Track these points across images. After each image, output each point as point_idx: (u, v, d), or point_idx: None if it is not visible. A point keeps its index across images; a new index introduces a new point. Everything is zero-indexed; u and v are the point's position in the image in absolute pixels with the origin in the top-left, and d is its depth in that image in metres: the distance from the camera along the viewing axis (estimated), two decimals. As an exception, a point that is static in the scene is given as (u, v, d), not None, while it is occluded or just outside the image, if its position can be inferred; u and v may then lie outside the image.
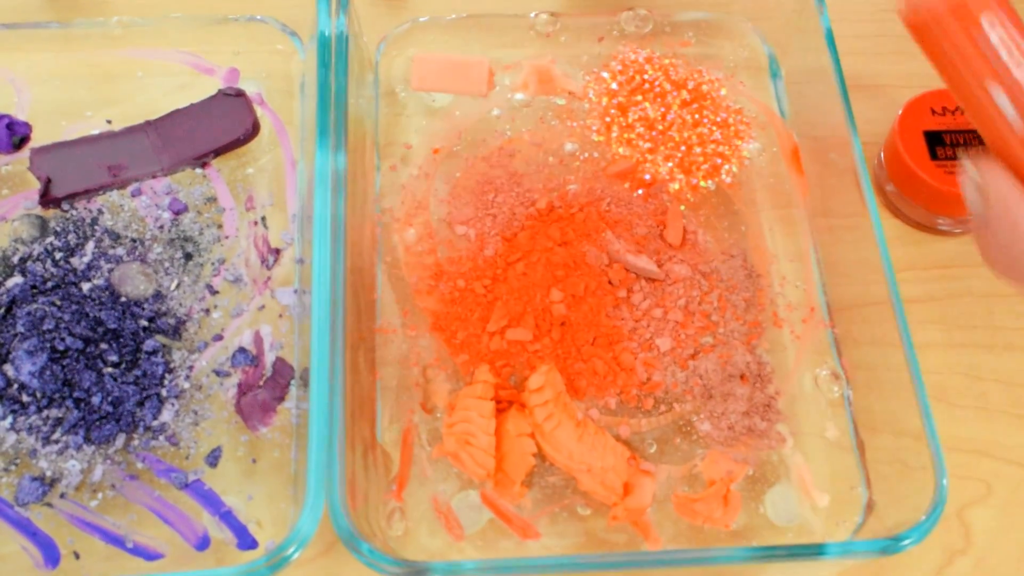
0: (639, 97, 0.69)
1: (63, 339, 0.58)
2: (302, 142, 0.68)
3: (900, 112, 0.69)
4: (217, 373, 0.59)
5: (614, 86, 0.69)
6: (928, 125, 0.68)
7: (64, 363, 0.58)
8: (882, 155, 0.70)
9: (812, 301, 0.64)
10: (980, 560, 0.60)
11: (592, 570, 0.51)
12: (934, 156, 0.67)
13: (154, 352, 0.59)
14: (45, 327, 0.58)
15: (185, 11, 0.72)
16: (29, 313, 0.58)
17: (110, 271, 0.61)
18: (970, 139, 0.67)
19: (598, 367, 0.60)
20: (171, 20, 0.71)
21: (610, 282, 0.62)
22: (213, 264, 0.63)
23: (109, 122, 0.68)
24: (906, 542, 0.51)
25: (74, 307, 0.59)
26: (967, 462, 0.62)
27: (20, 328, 0.58)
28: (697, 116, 0.68)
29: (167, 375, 0.59)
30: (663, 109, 0.68)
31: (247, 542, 0.55)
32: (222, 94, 0.68)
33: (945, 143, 0.67)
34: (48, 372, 0.57)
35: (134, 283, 0.61)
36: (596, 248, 0.63)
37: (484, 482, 0.57)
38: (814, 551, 0.52)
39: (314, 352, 0.54)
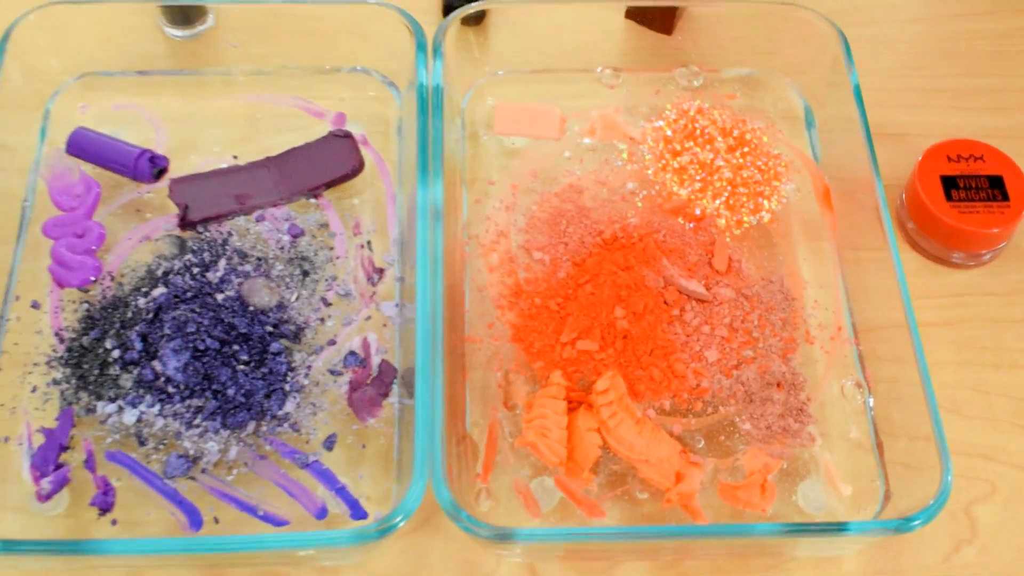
0: (690, 143, 0.79)
1: (203, 340, 0.68)
2: (400, 177, 0.78)
3: (920, 158, 0.79)
4: (331, 372, 0.70)
5: (669, 133, 0.80)
6: (944, 170, 0.78)
7: (204, 360, 0.68)
8: (903, 196, 0.80)
9: (839, 321, 0.74)
10: (984, 548, 0.69)
11: (647, 539, 0.62)
12: (949, 198, 0.77)
13: (278, 353, 0.69)
14: (188, 330, 0.69)
15: (298, 63, 0.83)
16: (174, 318, 0.69)
17: (240, 284, 0.72)
18: (981, 183, 0.77)
19: (654, 374, 0.70)
20: (286, 70, 0.83)
21: (665, 302, 0.72)
22: (326, 280, 0.73)
23: (235, 157, 0.79)
24: (916, 523, 0.61)
25: (211, 314, 0.70)
26: (974, 465, 0.71)
27: (167, 330, 0.69)
28: (741, 160, 0.79)
29: (289, 373, 0.69)
30: (711, 154, 0.78)
31: (359, 513, 0.66)
32: (332, 135, 0.79)
33: (959, 187, 0.77)
34: (191, 368, 0.68)
35: (260, 295, 0.71)
36: (654, 273, 0.73)
37: (557, 468, 0.67)
38: (839, 528, 0.62)
39: (419, 357, 0.64)
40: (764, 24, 0.83)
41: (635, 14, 0.87)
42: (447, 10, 0.86)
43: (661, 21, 0.87)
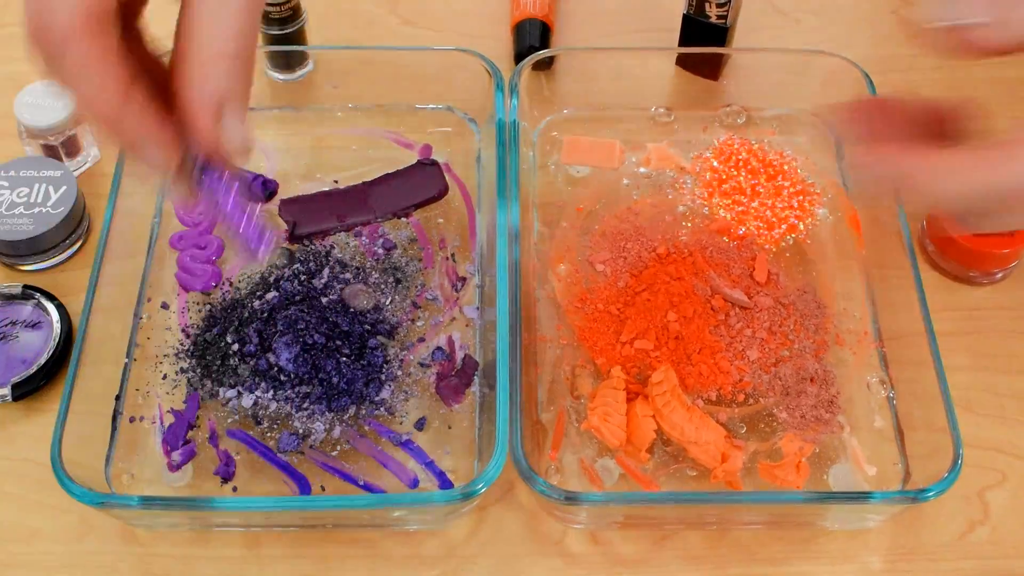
0: (734, 171, 0.90)
1: (311, 336, 0.79)
2: (479, 200, 0.89)
3: (939, 188, 0.89)
4: (422, 365, 0.81)
5: (715, 164, 0.90)
6: (959, 198, 0.88)
7: (312, 353, 0.79)
8: (924, 221, 0.90)
9: (866, 327, 0.84)
10: (995, 528, 0.77)
11: (695, 503, 0.72)
12: (963, 221, 0.87)
13: (375, 348, 0.80)
14: (298, 327, 0.80)
15: (390, 102, 0.94)
16: (286, 316, 0.80)
17: (341, 290, 0.83)
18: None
19: (703, 370, 0.80)
20: (379, 108, 0.94)
21: (712, 308, 0.83)
22: (416, 287, 0.84)
23: (335, 182, 0.90)
24: (930, 493, 0.70)
25: (317, 314, 0.81)
26: (986, 456, 0.80)
27: (279, 327, 0.80)
28: (778, 187, 0.89)
29: (385, 364, 0.80)
30: (753, 181, 0.89)
31: (446, 484, 0.76)
32: (420, 163, 0.90)
33: (973, 212, 0.87)
34: (300, 359, 0.79)
35: (360, 299, 0.82)
36: (702, 283, 0.83)
37: (617, 449, 0.77)
38: (864, 496, 0.72)
39: (499, 352, 0.74)
40: (800, 69, 0.93)
41: (685, 62, 0.98)
42: (518, 56, 0.98)
43: (708, 68, 0.98)
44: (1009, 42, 0.56)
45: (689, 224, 0.88)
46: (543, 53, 0.91)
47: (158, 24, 0.57)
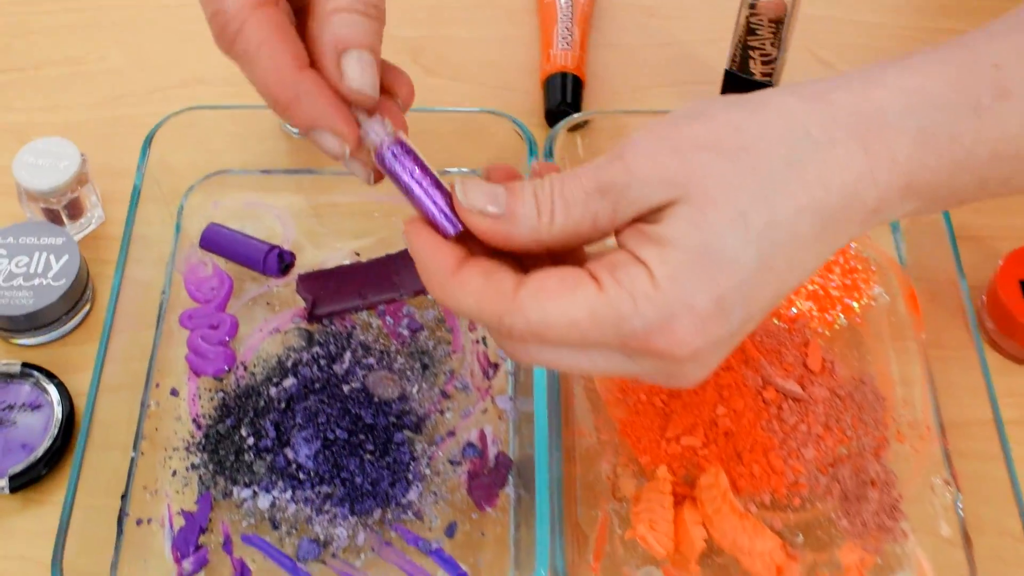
0: (784, 246, 0.84)
1: (333, 430, 0.73)
2: (511, 275, 0.84)
3: (1001, 263, 0.83)
4: (451, 462, 0.75)
5: (763, 236, 0.85)
6: (1024, 275, 0.82)
7: (333, 449, 0.73)
8: (984, 298, 0.84)
9: (928, 420, 0.78)
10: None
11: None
12: (1029, 303, 0.81)
13: (402, 444, 0.74)
14: (318, 420, 0.74)
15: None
16: (305, 408, 0.74)
17: (364, 376, 0.77)
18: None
19: (755, 470, 0.74)
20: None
21: (763, 401, 0.77)
22: (445, 374, 0.78)
23: (357, 254, 0.84)
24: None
25: (339, 404, 0.75)
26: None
27: (298, 420, 0.74)
28: (830, 263, 0.83)
29: (412, 462, 0.74)
30: (804, 257, 0.83)
31: (479, 599, 0.70)
32: (448, 234, 0.84)
33: (1039, 291, 0.81)
34: (321, 456, 0.73)
35: (384, 387, 0.77)
36: (753, 372, 0.77)
37: (664, 560, 0.71)
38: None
39: (537, 449, 0.69)
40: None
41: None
42: (549, 113, 0.92)
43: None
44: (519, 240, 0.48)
45: (737, 305, 0.81)
46: (579, 117, 0.85)
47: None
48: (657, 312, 0.45)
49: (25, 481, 0.75)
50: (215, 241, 0.83)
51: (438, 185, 0.51)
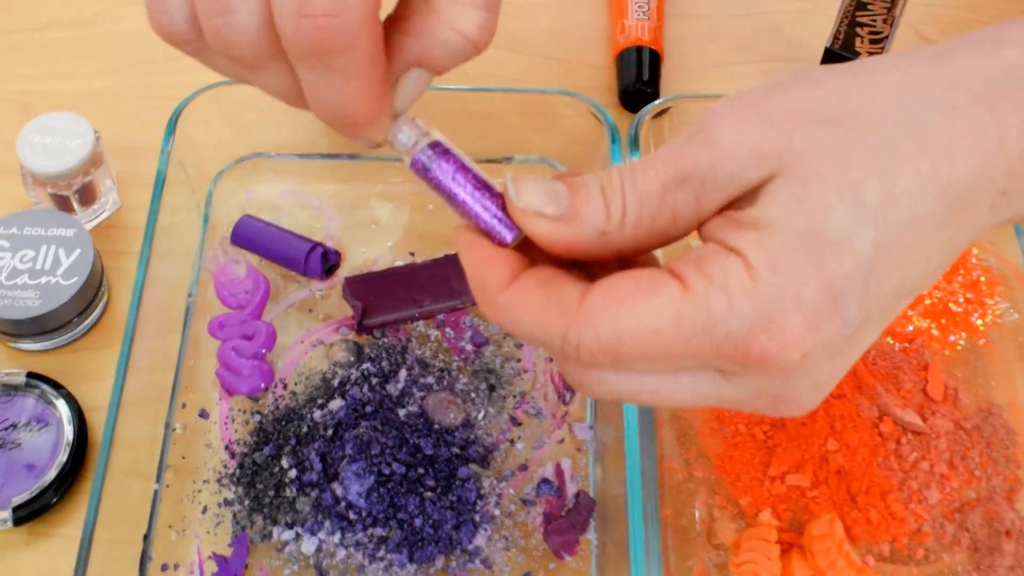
0: (896, 252, 0.74)
1: (389, 464, 0.63)
2: (586, 281, 0.73)
3: None
4: (524, 501, 0.65)
5: (872, 240, 0.74)
6: None
7: (389, 486, 0.63)
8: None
9: (1066, 459, 0.69)
10: None
11: None
12: None
13: (467, 479, 0.64)
14: (372, 452, 0.64)
15: (473, 150, 0.77)
16: (356, 437, 0.64)
17: (422, 399, 0.67)
18: None
19: (872, 515, 0.64)
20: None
21: (880, 434, 0.67)
22: (515, 397, 0.68)
23: (412, 254, 0.74)
24: None
25: (394, 432, 0.65)
26: None
27: (348, 451, 0.64)
28: (949, 275, 0.73)
29: (479, 501, 0.64)
30: (920, 265, 0.73)
31: (560, 666, 0.61)
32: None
33: None
34: (375, 494, 0.63)
35: (445, 412, 0.66)
36: (867, 402, 0.67)
37: (771, 620, 0.62)
38: None
39: (629, 490, 0.59)
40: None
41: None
42: (623, 93, 0.81)
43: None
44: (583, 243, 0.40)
45: (845, 320, 0.71)
46: (664, 102, 0.74)
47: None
48: (757, 308, 0.37)
49: (33, 511, 0.65)
50: (248, 236, 0.73)
51: (486, 187, 0.42)
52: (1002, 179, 0.40)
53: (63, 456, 0.66)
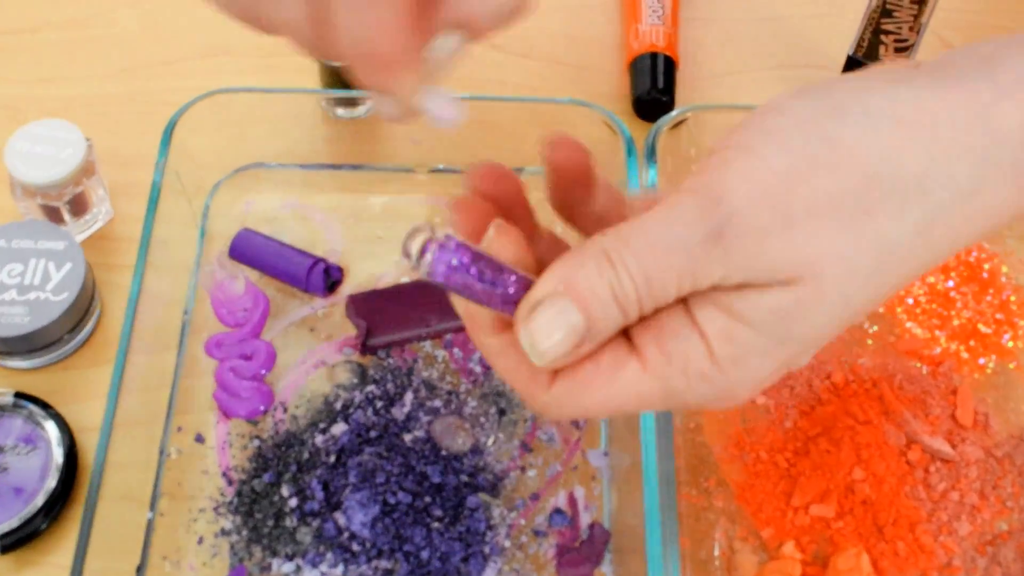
0: (922, 270, 0.71)
1: (394, 492, 0.60)
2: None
3: None
4: (536, 533, 0.62)
5: (897, 257, 0.71)
6: None
7: (394, 516, 0.60)
8: None
9: (1100, 489, 0.66)
10: None
11: None
12: None
13: (476, 509, 0.61)
14: (376, 480, 0.61)
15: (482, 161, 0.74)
16: (360, 464, 0.61)
17: (429, 423, 0.64)
18: None
19: (899, 548, 0.61)
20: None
21: (908, 462, 0.64)
22: (526, 421, 0.65)
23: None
24: None
25: (400, 459, 0.62)
26: None
27: (352, 479, 0.61)
28: (978, 293, 0.70)
29: (488, 532, 0.61)
30: (948, 284, 0.70)
31: None
32: (526, 249, 0.70)
33: None
34: (379, 524, 0.60)
35: (453, 437, 0.63)
36: (895, 428, 0.64)
37: (795, 659, 0.59)
38: None
39: (648, 520, 0.56)
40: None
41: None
42: (638, 102, 0.78)
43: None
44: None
45: (871, 342, 0.68)
46: (683, 112, 0.71)
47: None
48: (716, 391, 0.38)
49: (20, 538, 0.62)
50: (247, 250, 0.70)
51: (508, 280, 0.38)
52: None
53: (52, 480, 0.63)
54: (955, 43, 0.85)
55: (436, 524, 0.60)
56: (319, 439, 0.63)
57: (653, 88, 0.78)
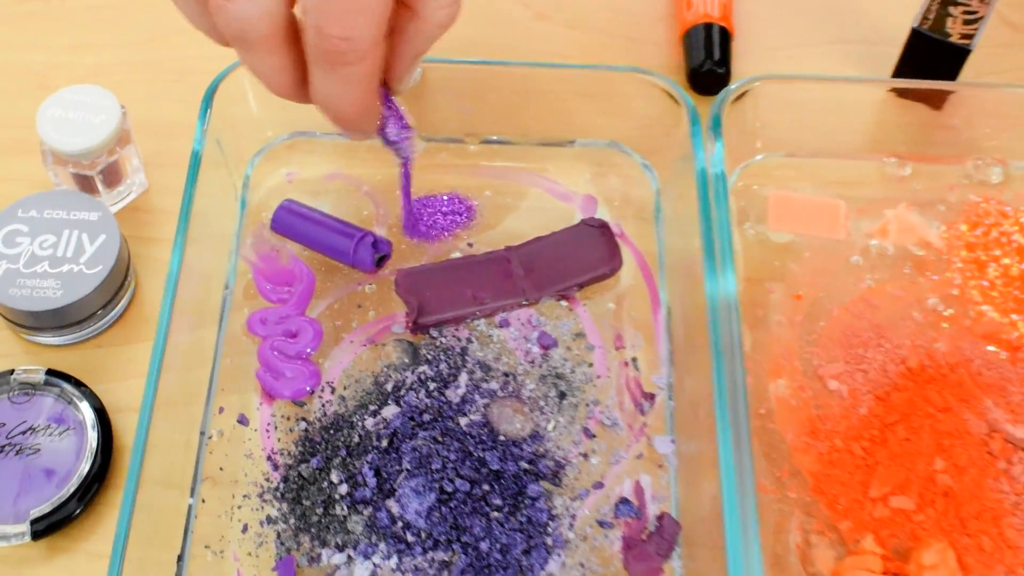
0: (997, 252, 0.67)
1: (451, 480, 0.57)
2: (662, 278, 0.67)
3: None
4: (600, 524, 0.58)
5: (971, 239, 0.68)
6: None
7: (451, 505, 0.57)
8: None
9: None
10: None
11: None
12: None
13: (537, 498, 0.58)
14: (432, 466, 0.57)
15: (529, 137, 0.71)
16: (415, 449, 0.58)
17: (485, 406, 0.60)
18: None
19: (984, 543, 0.58)
20: (522, 141, 0.71)
21: (990, 452, 0.61)
22: (588, 405, 0.62)
23: (470, 245, 0.67)
24: None
25: (456, 445, 0.58)
26: None
27: (406, 464, 0.58)
28: (1056, 273, 0.67)
29: (551, 522, 0.58)
30: (1022, 266, 0.67)
31: None
32: (584, 225, 0.67)
33: None
34: (435, 514, 0.56)
35: (511, 421, 0.60)
36: (976, 416, 0.61)
37: (876, 658, 0.56)
38: None
39: (726, 512, 0.53)
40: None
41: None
42: (693, 74, 0.75)
43: (931, 95, 0.75)
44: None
45: (947, 325, 0.65)
46: (747, 82, 0.67)
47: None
48: None
49: (53, 523, 0.58)
50: (290, 223, 0.66)
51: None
52: None
53: (86, 463, 0.60)
54: (1019, 24, 0.81)
55: (495, 514, 0.57)
56: (369, 422, 0.59)
57: (708, 59, 0.75)
